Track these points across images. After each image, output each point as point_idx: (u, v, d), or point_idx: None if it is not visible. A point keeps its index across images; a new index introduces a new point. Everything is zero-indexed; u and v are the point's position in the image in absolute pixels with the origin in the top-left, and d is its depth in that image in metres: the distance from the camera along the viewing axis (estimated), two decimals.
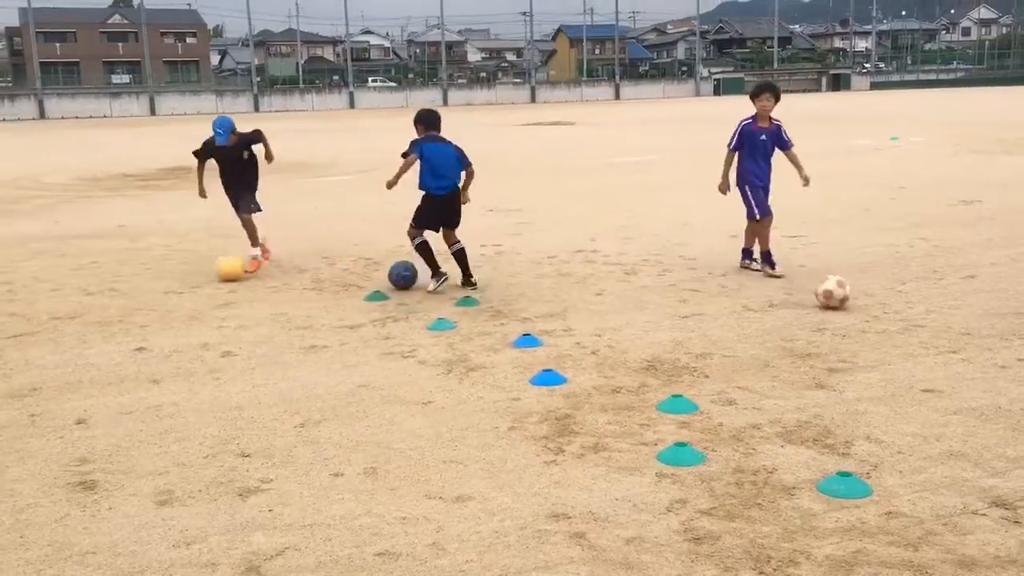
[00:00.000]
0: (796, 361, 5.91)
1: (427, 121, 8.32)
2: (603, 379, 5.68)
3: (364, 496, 4.15)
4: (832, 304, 7.12)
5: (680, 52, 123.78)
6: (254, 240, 9.59)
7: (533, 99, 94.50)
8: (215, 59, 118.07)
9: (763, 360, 5.94)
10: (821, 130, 30.60)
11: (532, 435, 4.81)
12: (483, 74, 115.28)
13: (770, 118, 8.58)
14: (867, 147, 23.16)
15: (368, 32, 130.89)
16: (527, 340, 6.50)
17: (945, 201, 12.97)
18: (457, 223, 8.41)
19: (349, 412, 5.24)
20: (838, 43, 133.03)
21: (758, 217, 8.53)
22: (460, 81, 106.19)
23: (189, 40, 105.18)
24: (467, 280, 8.30)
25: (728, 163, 8.67)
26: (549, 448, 4.63)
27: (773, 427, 4.81)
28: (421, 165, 8.16)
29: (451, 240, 8.37)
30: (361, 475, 4.38)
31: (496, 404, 5.29)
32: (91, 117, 77.58)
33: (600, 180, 17.34)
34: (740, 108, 42.98)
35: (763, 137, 8.55)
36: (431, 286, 8.17)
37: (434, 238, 8.42)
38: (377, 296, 8.00)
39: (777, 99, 8.60)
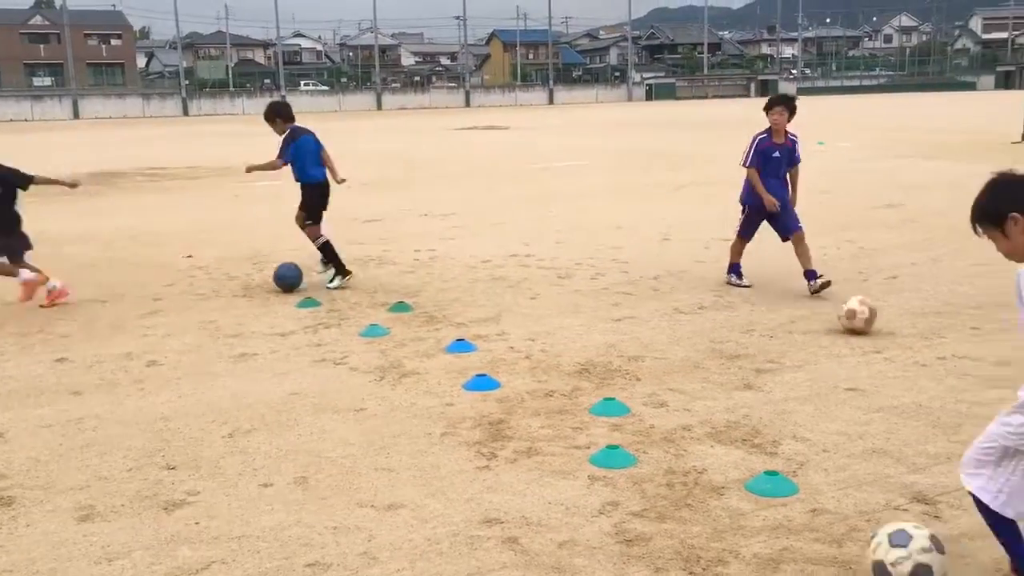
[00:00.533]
0: (725, 362, 5.99)
1: (285, 114, 8.70)
2: (536, 383, 5.69)
3: (294, 506, 4.09)
4: (857, 326, 6.51)
5: (613, 57, 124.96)
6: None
7: (468, 103, 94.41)
8: (142, 62, 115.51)
9: (693, 362, 6.01)
10: (747, 132, 31.12)
11: (465, 441, 4.79)
12: (417, 78, 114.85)
13: (786, 132, 8.04)
14: None
15: (300, 35, 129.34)
16: (461, 345, 6.48)
17: (869, 204, 13.30)
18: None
19: (279, 421, 5.16)
20: (766, 49, 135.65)
21: (747, 240, 8.31)
22: (394, 85, 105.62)
23: (114, 42, 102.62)
24: (343, 270, 8.59)
25: (756, 179, 7.99)
26: (482, 453, 4.62)
27: (703, 428, 4.87)
28: (299, 158, 8.58)
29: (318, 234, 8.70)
30: (291, 485, 4.31)
31: (429, 410, 5.26)
32: (11, 120, 75.30)
33: (535, 184, 17.40)
34: (672, 112, 43.81)
35: (776, 154, 8.00)
36: (336, 282, 8.48)
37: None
38: (309, 303, 7.90)
39: (792, 112, 7.98)
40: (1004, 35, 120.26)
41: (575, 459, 4.51)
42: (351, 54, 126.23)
